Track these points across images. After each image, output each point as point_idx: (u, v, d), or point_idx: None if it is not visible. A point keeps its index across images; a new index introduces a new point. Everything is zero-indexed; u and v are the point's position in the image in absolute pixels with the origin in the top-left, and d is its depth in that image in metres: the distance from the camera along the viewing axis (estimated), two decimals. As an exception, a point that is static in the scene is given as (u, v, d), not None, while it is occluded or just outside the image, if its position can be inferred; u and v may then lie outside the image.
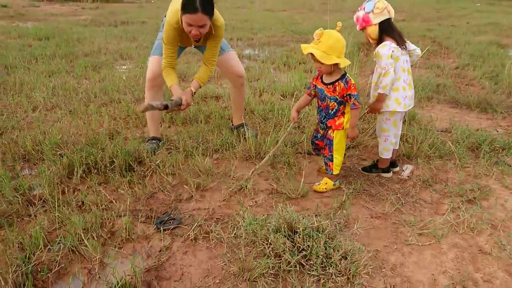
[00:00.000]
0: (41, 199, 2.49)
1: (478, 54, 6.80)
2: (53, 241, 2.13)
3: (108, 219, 2.33)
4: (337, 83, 2.49)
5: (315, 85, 2.64)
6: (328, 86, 2.53)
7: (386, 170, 2.91)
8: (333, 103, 2.55)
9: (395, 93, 2.66)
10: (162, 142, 3.26)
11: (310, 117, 3.78)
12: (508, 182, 2.82)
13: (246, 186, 2.69)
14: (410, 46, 2.76)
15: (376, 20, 2.61)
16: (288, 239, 2.02)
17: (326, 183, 2.71)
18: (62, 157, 2.87)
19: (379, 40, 2.65)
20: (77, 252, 2.07)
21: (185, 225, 2.31)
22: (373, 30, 2.65)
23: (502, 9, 15.96)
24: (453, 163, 3.07)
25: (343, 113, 2.58)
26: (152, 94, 3.12)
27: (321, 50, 2.36)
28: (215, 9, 2.71)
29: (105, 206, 2.45)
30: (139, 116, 3.81)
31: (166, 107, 2.66)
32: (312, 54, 2.41)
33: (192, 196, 2.62)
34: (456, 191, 2.68)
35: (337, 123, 2.58)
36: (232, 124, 3.61)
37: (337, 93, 2.50)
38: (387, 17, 2.61)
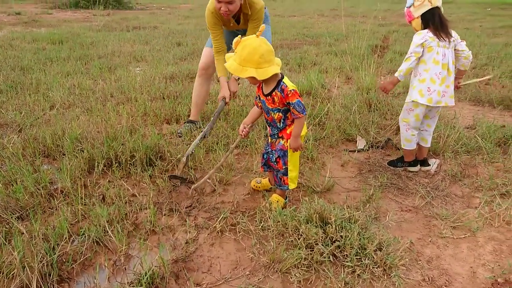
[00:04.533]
0: (62, 193, 2.45)
1: (494, 55, 6.69)
2: (76, 233, 2.08)
3: (131, 211, 2.28)
4: (274, 93, 2.10)
5: (259, 96, 2.25)
6: (267, 97, 2.14)
7: (413, 164, 2.81)
8: (278, 114, 2.16)
9: (420, 84, 2.56)
10: (198, 125, 3.45)
11: (330, 113, 3.72)
12: (541, 177, 2.73)
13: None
14: (461, 46, 2.60)
15: (417, 13, 2.54)
16: (320, 229, 1.94)
17: (278, 201, 2.33)
18: (83, 151, 2.83)
19: None
20: (101, 244, 2.02)
21: (210, 218, 2.25)
22: (417, 23, 2.58)
23: (514, 13, 15.81)
24: (481, 158, 2.99)
25: (293, 121, 2.17)
26: (201, 81, 3.44)
27: (236, 63, 1.99)
28: None
29: (128, 199, 2.40)
30: (157, 114, 3.78)
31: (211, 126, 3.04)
32: None
33: (215, 189, 2.56)
34: (487, 185, 2.59)
35: (288, 131, 2.19)
36: None
37: (277, 104, 2.13)
38: (429, 7, 2.50)
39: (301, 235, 1.95)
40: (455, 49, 2.59)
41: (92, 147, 2.86)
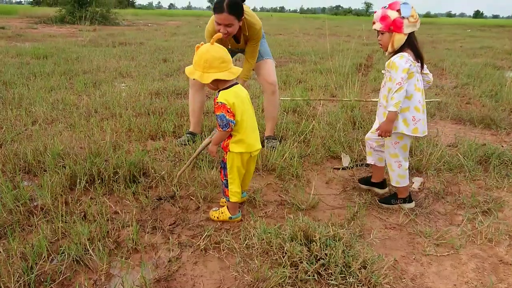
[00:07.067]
0: (42, 210, 2.39)
1: (475, 75, 6.88)
2: (56, 251, 2.02)
3: (113, 229, 2.24)
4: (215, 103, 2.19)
5: None
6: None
7: (408, 200, 2.59)
8: None
9: (404, 113, 2.36)
10: (196, 136, 3.52)
11: (315, 131, 3.74)
12: (521, 194, 2.78)
13: (254, 198, 2.61)
14: (425, 68, 2.45)
15: (408, 29, 2.26)
16: (305, 247, 1.93)
17: (222, 212, 2.37)
18: (65, 168, 2.78)
19: (397, 51, 2.34)
20: (82, 263, 1.96)
21: (194, 235, 2.22)
22: (400, 39, 2.28)
23: (492, 35, 16.33)
24: (463, 175, 3.03)
25: (230, 135, 2.22)
26: (193, 91, 3.50)
27: (192, 65, 2.19)
28: (254, 14, 3.11)
29: (110, 216, 2.36)
30: (141, 130, 3.75)
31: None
32: None
33: (199, 207, 2.53)
34: (469, 203, 2.63)
35: (225, 144, 2.25)
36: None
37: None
38: (416, 29, 2.30)
39: (285, 253, 1.94)
40: None
41: (74, 163, 2.81)
